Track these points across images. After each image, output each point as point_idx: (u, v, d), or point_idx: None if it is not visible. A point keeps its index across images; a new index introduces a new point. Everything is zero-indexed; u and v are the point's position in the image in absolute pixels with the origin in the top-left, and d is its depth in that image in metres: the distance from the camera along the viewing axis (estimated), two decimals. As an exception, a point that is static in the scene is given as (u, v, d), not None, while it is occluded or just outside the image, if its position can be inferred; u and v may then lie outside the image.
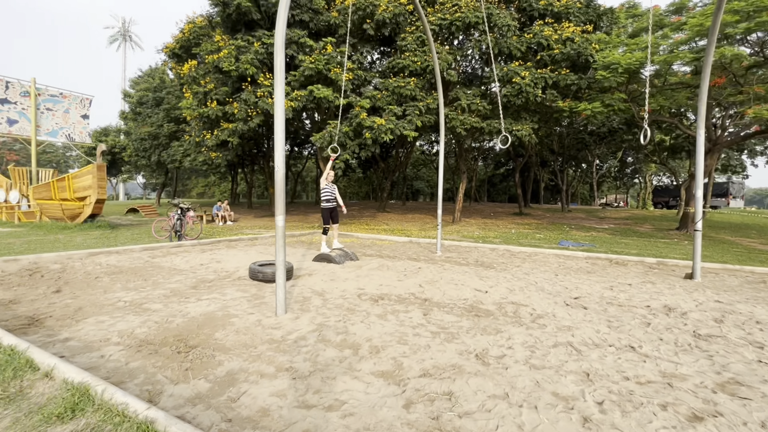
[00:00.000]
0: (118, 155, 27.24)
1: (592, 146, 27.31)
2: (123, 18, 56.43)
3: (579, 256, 9.16)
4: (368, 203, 35.10)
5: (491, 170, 48.91)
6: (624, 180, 51.13)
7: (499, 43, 12.90)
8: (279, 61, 4.01)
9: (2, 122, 14.31)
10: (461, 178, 17.98)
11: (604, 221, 19.92)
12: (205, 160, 14.47)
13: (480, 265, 7.61)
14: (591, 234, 14.06)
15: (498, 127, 13.37)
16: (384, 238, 11.89)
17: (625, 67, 10.68)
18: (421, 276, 6.36)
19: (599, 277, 6.70)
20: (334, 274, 6.38)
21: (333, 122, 12.20)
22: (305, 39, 12.39)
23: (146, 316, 4.03)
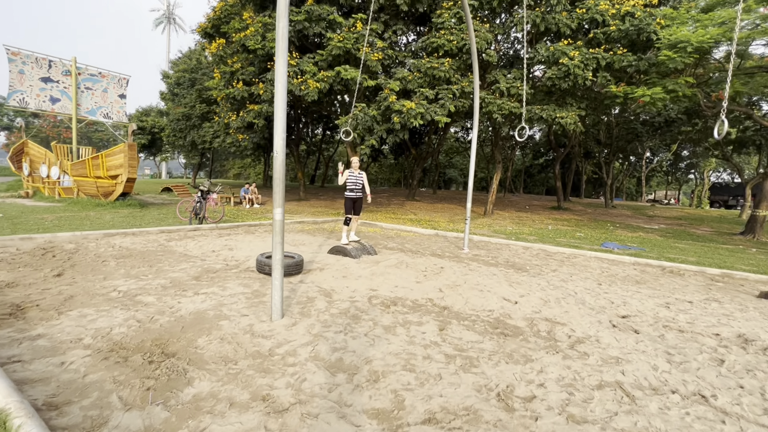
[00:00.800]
0: (157, 135, 28.11)
1: (644, 137, 24.97)
2: (168, 1, 57.89)
3: (626, 261, 8.14)
4: (398, 190, 34.43)
5: (529, 160, 46.56)
6: (677, 175, 47.14)
7: (546, 20, 11.63)
8: (282, 27, 3.44)
9: (46, 100, 14.83)
10: (496, 167, 16.89)
11: (653, 220, 18.20)
12: (233, 142, 14.37)
13: (511, 267, 6.85)
14: (639, 235, 12.73)
15: (539, 114, 12.21)
16: (409, 229, 11.28)
17: (696, 45, 9.21)
18: (442, 277, 5.72)
19: (651, 290, 5.77)
20: (347, 269, 5.88)
21: (360, 105, 11.57)
22: (334, 16, 11.73)
23: (133, 311, 3.69)
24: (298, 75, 11.84)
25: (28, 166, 16.36)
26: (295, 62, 11.81)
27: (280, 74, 3.45)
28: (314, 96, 11.40)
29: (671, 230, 14.49)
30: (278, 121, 3.48)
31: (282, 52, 3.44)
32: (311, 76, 11.46)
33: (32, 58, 14.43)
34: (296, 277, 5.35)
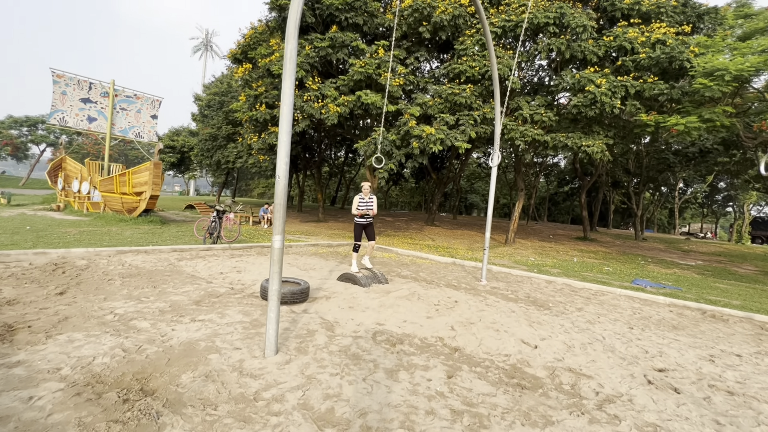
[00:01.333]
0: (186, 154, 29.19)
1: (677, 168, 23.89)
2: (206, 30, 61.68)
3: (660, 301, 7.46)
4: (418, 214, 34.12)
5: (554, 187, 45.47)
6: (713, 208, 44.79)
7: (572, 47, 11.41)
8: (290, 49, 3.33)
9: (83, 119, 15.65)
10: (519, 195, 16.39)
11: (689, 256, 17.05)
12: (254, 162, 14.63)
13: (531, 303, 6.36)
14: (673, 272, 11.85)
15: (564, 142, 11.81)
16: (425, 256, 10.90)
17: (734, 74, 8.71)
18: (456, 313, 5.33)
19: (691, 338, 5.17)
20: (355, 299, 5.58)
21: (378, 128, 11.55)
22: (357, 42, 11.94)
23: (123, 337, 3.51)
24: (320, 99, 12.00)
25: (63, 181, 17.13)
26: (317, 87, 12.01)
27: (286, 96, 3.32)
28: (334, 120, 11.48)
29: (710, 268, 13.44)
30: (282, 145, 3.32)
31: (289, 75, 3.32)
32: (332, 101, 11.59)
33: (75, 80, 15.36)
34: (301, 306, 5.10)
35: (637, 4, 11.84)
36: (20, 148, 46.09)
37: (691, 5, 12.19)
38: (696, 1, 12.31)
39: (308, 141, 20.76)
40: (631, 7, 11.91)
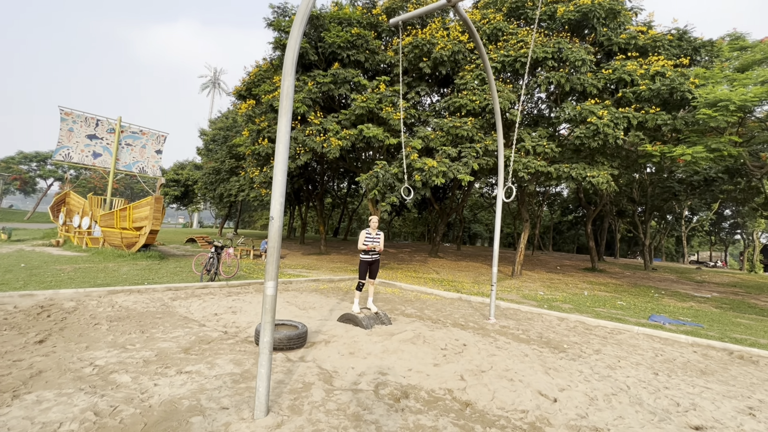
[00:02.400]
0: (190, 187, 29.41)
1: (682, 196, 23.69)
2: (215, 68, 64.24)
3: (682, 340, 7.00)
4: (421, 245, 33.75)
5: (557, 216, 45.20)
6: (720, 236, 44.15)
7: (571, 80, 11.54)
8: (287, 86, 3.21)
9: (88, 155, 15.81)
10: (524, 226, 16.13)
11: (703, 287, 16.47)
12: (256, 196, 14.56)
13: (545, 345, 5.94)
14: (690, 305, 11.33)
15: (568, 172, 11.68)
16: (430, 291, 10.51)
17: (738, 104, 8.67)
18: (465, 359, 4.93)
19: (723, 385, 4.72)
20: (356, 344, 5.20)
21: (380, 162, 11.51)
22: (359, 78, 12.16)
23: (99, 396, 3.17)
24: (322, 133, 12.08)
25: (64, 216, 17.09)
26: (319, 121, 12.12)
27: (282, 134, 3.17)
28: (336, 153, 11.47)
29: (727, 300, 12.89)
30: (277, 185, 3.13)
31: (286, 112, 3.18)
32: (334, 134, 11.64)
33: (82, 117, 15.66)
34: (297, 352, 4.74)
35: (633, 39, 12.08)
36: (28, 183, 46.82)
37: (686, 39, 12.43)
38: (691, 35, 12.56)
39: (311, 173, 20.86)
40: (627, 42, 12.14)
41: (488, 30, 12.85)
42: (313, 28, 12.43)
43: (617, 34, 12.21)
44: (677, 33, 12.59)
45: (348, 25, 12.59)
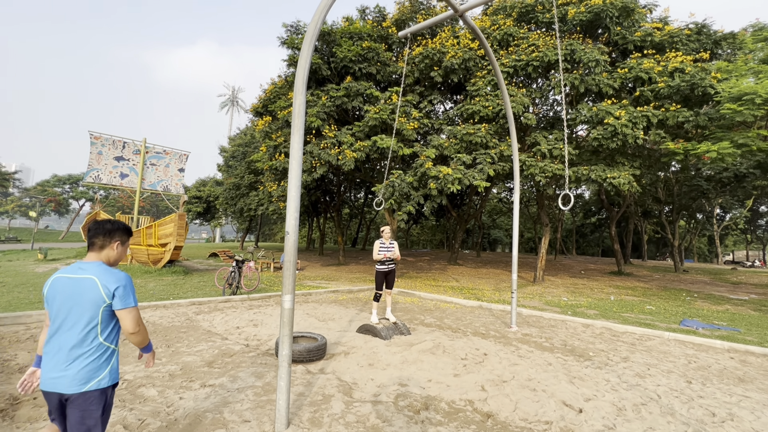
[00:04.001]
0: (212, 203, 30.30)
1: (711, 194, 22.72)
2: (233, 87, 66.35)
3: (717, 346, 6.67)
4: (440, 252, 33.49)
5: (580, 219, 44.07)
6: (757, 233, 41.98)
7: (586, 81, 11.36)
8: (298, 104, 3.32)
9: (116, 176, 16.56)
10: (544, 230, 15.81)
11: (739, 288, 15.66)
12: (275, 209, 14.89)
13: (569, 353, 5.78)
14: (726, 308, 10.79)
15: (587, 174, 11.43)
16: (449, 300, 10.40)
17: (765, 97, 8.31)
18: (486, 368, 4.85)
19: (763, 393, 4.48)
20: (375, 355, 5.20)
21: (395, 172, 11.58)
22: (371, 90, 12.34)
23: (127, 410, 3.29)
24: (336, 146, 12.28)
25: (95, 235, 17.87)
26: (333, 134, 12.34)
27: (295, 150, 3.27)
28: (351, 165, 11.63)
29: (767, 302, 12.20)
30: (291, 201, 3.21)
31: (298, 129, 3.29)
32: (348, 147, 11.82)
33: (110, 140, 16.45)
34: (317, 364, 4.78)
35: (649, 36, 11.83)
36: (62, 204, 49.26)
37: (705, 33, 12.07)
38: (710, 28, 12.20)
39: (327, 185, 21.14)
40: (643, 39, 11.89)
41: (499, 36, 12.85)
42: (325, 44, 12.75)
43: (632, 32, 11.97)
44: (695, 27, 12.25)
45: (359, 39, 12.86)
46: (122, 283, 1.93)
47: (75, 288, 1.87)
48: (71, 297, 1.87)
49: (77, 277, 1.89)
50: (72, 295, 1.87)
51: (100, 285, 1.88)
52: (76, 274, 1.90)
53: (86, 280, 1.88)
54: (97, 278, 1.89)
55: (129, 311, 1.94)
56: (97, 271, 1.92)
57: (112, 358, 1.98)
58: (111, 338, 1.97)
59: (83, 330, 1.87)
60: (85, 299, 1.87)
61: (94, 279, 1.89)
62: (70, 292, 1.88)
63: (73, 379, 1.83)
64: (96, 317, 1.88)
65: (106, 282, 1.89)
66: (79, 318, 1.87)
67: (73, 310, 1.87)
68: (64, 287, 1.89)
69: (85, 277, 1.89)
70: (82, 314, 1.87)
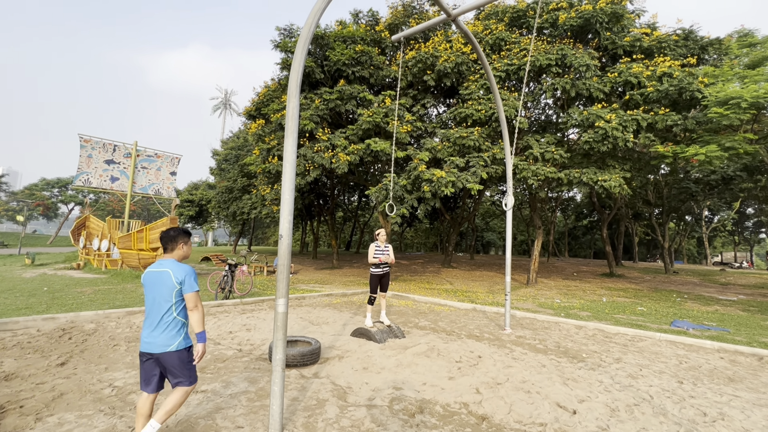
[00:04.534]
0: (204, 207, 30.03)
1: (699, 196, 23.11)
2: (225, 90, 66.02)
3: (707, 346, 6.76)
4: (434, 255, 33.54)
5: (572, 222, 44.48)
6: (744, 235, 42.73)
7: (576, 85, 11.51)
8: (292, 107, 3.31)
9: (106, 180, 16.35)
10: (537, 232, 15.93)
11: (728, 289, 15.90)
12: (268, 213, 14.79)
13: (563, 354, 5.82)
14: (715, 309, 10.94)
15: (579, 177, 11.56)
16: (444, 302, 10.41)
17: (750, 101, 8.50)
18: (480, 371, 4.86)
19: (753, 393, 4.54)
20: (369, 359, 5.18)
21: (389, 175, 11.59)
22: (365, 94, 12.37)
23: (117, 417, 3.23)
24: (330, 149, 12.27)
25: (84, 239, 17.59)
26: (327, 137, 12.32)
27: (288, 153, 3.25)
28: (345, 168, 11.62)
29: (755, 303, 12.40)
30: (285, 204, 3.19)
31: (291, 132, 3.27)
32: (342, 150, 11.81)
33: (100, 143, 16.24)
34: (311, 368, 4.74)
35: (637, 41, 12.04)
36: (50, 208, 48.45)
37: (692, 38, 12.32)
38: (697, 34, 12.46)
39: (321, 188, 21.08)
40: (632, 44, 12.10)
41: (491, 40, 12.98)
42: (318, 47, 12.76)
43: (621, 37, 12.18)
44: (683, 33, 12.50)
45: (352, 42, 12.89)
46: (187, 274, 2.64)
47: (157, 279, 2.62)
48: (155, 285, 2.62)
49: (158, 270, 2.63)
50: (155, 283, 2.62)
51: (173, 276, 2.60)
52: (158, 269, 2.64)
53: (164, 273, 2.62)
54: (171, 270, 2.61)
55: (191, 295, 2.65)
56: (170, 265, 2.65)
57: (184, 329, 2.70)
58: (182, 314, 2.68)
59: (163, 309, 2.60)
60: (164, 286, 2.60)
61: (169, 271, 2.61)
62: (154, 282, 2.63)
63: (160, 343, 2.58)
64: (171, 299, 2.61)
65: (176, 273, 2.61)
66: (161, 300, 2.60)
67: (157, 295, 2.61)
68: (151, 278, 2.64)
69: (162, 270, 2.63)
70: (162, 297, 2.60)
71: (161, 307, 2.59)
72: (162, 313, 2.60)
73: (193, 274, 2.67)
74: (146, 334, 2.62)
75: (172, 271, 2.61)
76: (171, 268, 2.62)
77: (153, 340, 2.59)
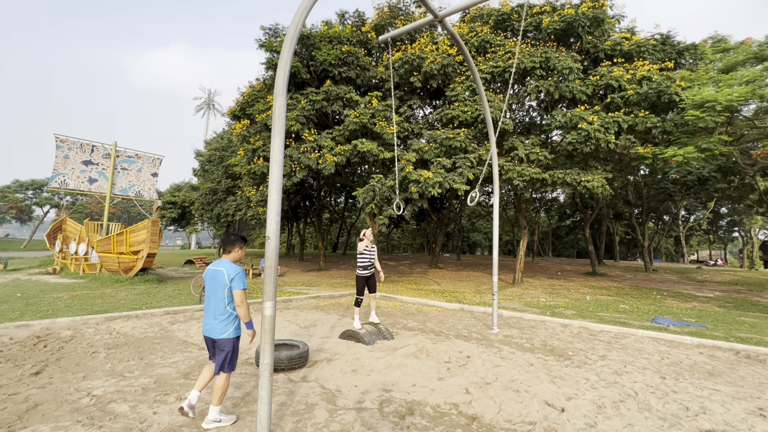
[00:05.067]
0: (187, 209, 29.37)
1: (677, 196, 23.84)
2: (209, 90, 64.92)
3: (687, 342, 6.95)
4: (421, 256, 33.62)
5: (555, 222, 45.28)
6: (718, 234, 44.26)
7: (560, 88, 11.72)
8: (278, 106, 3.25)
9: (84, 181, 15.82)
10: (522, 233, 16.14)
11: (705, 286, 16.41)
12: (253, 214, 14.53)
13: (549, 353, 5.89)
14: (693, 306, 11.27)
15: (562, 178, 11.77)
16: (431, 303, 10.43)
17: (725, 104, 8.81)
18: (469, 371, 4.87)
19: (732, 386, 4.68)
20: (358, 361, 5.13)
21: (376, 176, 11.56)
22: (351, 94, 12.32)
23: (95, 429, 3.10)
24: (316, 150, 12.16)
25: (61, 243, 16.98)
26: (313, 138, 12.21)
27: (275, 153, 3.19)
28: (331, 169, 11.53)
29: (730, 299, 12.83)
30: (272, 204, 3.13)
31: (279, 132, 3.21)
32: (329, 151, 11.73)
33: (77, 144, 15.72)
34: (299, 372, 4.66)
35: (618, 45, 12.34)
36: (24, 211, 46.64)
37: (670, 43, 12.71)
38: (674, 39, 12.86)
39: (307, 189, 20.89)
40: (613, 48, 12.40)
41: (476, 42, 13.10)
42: (304, 47, 12.65)
43: (602, 41, 12.47)
44: (660, 38, 12.88)
45: (338, 43, 12.82)
46: (237, 273, 3.16)
47: (215, 275, 3.16)
48: (213, 280, 3.16)
49: (216, 269, 3.17)
50: (213, 279, 3.16)
51: (225, 274, 3.13)
52: (216, 267, 3.18)
53: (219, 271, 3.15)
54: (225, 270, 3.14)
55: (237, 292, 3.16)
56: (225, 265, 3.18)
57: (235, 320, 3.23)
58: (232, 307, 3.20)
59: (219, 301, 3.14)
60: (219, 282, 3.14)
61: (223, 270, 3.14)
62: (213, 278, 3.17)
63: (216, 330, 3.14)
64: (224, 294, 3.14)
65: (229, 272, 3.14)
66: (217, 294, 3.14)
67: (214, 289, 3.15)
68: (211, 275, 3.19)
69: (219, 269, 3.16)
70: (218, 292, 3.14)
71: (218, 299, 3.15)
72: (218, 304, 3.15)
73: (242, 275, 3.19)
74: (206, 320, 3.20)
75: (226, 270, 3.15)
76: (225, 267, 3.16)
77: (211, 326, 3.16)
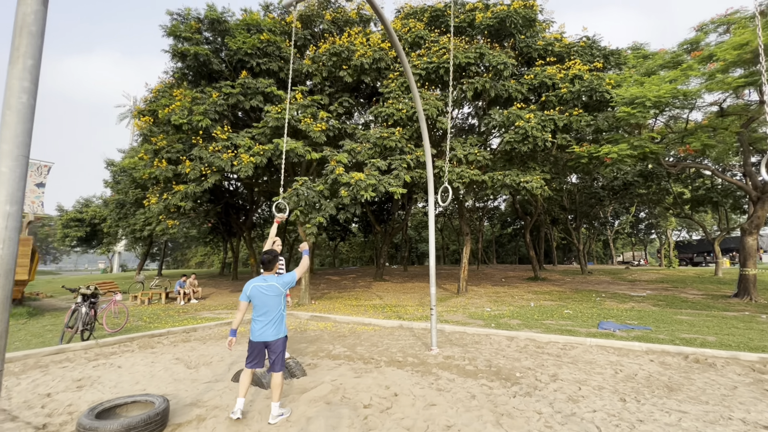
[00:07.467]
0: (98, 226, 25.54)
1: (606, 201, 25.15)
2: (134, 97, 59.19)
3: (636, 348, 6.40)
4: (368, 270, 32.35)
5: (498, 230, 46.58)
6: (639, 236, 48.29)
7: (496, 87, 11.33)
8: (22, 14, 1.85)
9: (-64, 193, 12.59)
10: (465, 240, 15.59)
11: (636, 286, 16.95)
12: (163, 229, 12.31)
13: (495, 376, 4.90)
14: (631, 306, 11.18)
15: (502, 180, 11.27)
16: (368, 321, 9.19)
17: (653, 100, 8.80)
18: (392, 419, 3.66)
19: (696, 404, 3.97)
20: (243, 417, 3.71)
21: (300, 179, 10.18)
22: (273, 89, 10.92)
23: None
24: (230, 149, 10.53)
25: None
26: (226, 136, 10.58)
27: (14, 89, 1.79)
28: (248, 171, 9.97)
29: (661, 297, 13.09)
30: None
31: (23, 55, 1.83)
32: (245, 150, 10.16)
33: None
34: (144, 447, 3.14)
35: (549, 46, 12.33)
36: None
37: (596, 47, 13.00)
38: (599, 43, 13.20)
39: (235, 200, 18.85)
40: (545, 48, 12.37)
41: (410, 38, 12.44)
42: (216, 33, 11.08)
43: (534, 41, 12.42)
44: (588, 41, 13.14)
45: (257, 31, 11.41)
46: (286, 281, 3.79)
47: (268, 290, 3.71)
48: (267, 294, 3.70)
49: (267, 284, 3.72)
50: (267, 293, 3.70)
51: (278, 285, 3.75)
52: (266, 282, 3.73)
53: (272, 286, 3.73)
54: (276, 283, 3.75)
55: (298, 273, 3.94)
56: (273, 279, 3.77)
57: (285, 321, 3.86)
58: (285, 311, 3.86)
59: (277, 308, 3.75)
60: (274, 294, 3.73)
61: (275, 284, 3.74)
62: (266, 292, 3.71)
63: (272, 334, 3.71)
64: (280, 302, 3.78)
65: (280, 284, 3.76)
66: (275, 304, 3.73)
67: (269, 300, 3.70)
68: (260, 290, 3.71)
69: (271, 284, 3.73)
70: (275, 302, 3.74)
71: (276, 308, 3.73)
72: (276, 312, 3.73)
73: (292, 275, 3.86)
74: (258, 327, 3.69)
75: (277, 282, 3.74)
76: (275, 280, 3.75)
77: (266, 332, 3.67)
